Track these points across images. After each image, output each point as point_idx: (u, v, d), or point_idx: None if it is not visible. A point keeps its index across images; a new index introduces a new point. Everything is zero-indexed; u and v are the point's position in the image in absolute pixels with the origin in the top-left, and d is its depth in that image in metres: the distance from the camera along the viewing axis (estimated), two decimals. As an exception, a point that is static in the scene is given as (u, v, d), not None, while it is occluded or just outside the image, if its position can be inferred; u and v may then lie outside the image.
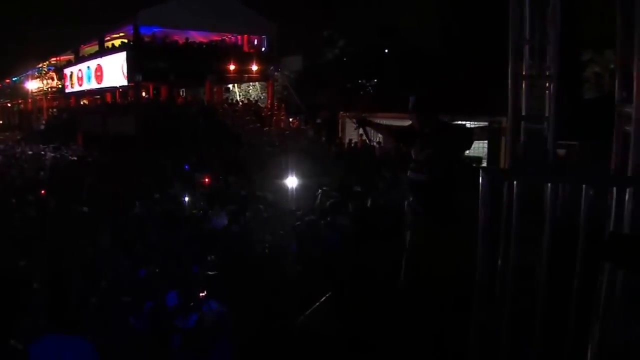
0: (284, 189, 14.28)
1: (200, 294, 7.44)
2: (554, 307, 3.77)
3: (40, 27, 50.40)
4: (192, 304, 6.97)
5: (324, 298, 6.99)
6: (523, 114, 6.58)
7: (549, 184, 3.63)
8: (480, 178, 3.54)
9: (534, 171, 4.97)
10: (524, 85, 6.55)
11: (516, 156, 6.02)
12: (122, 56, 32.63)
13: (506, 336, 3.87)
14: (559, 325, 3.70)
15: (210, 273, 8.23)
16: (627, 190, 3.43)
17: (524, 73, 6.48)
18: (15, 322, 6.57)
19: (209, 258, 8.94)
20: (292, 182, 13.99)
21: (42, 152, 29.72)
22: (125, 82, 32.63)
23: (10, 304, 7.06)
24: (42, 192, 15.99)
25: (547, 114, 6.03)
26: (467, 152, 7.20)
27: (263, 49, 37.28)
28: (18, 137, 43.04)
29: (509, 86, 5.90)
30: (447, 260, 5.84)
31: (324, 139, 28.75)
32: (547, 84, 5.99)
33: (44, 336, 5.13)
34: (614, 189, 3.49)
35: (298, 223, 11.11)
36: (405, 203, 6.28)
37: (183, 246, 9.83)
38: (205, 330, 6.57)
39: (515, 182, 3.61)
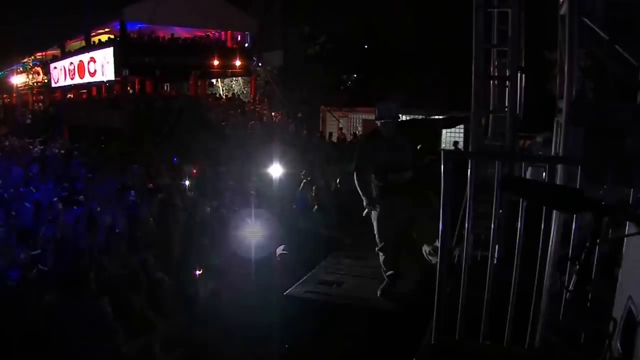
0: (268, 179, 14.82)
1: (197, 273, 8.16)
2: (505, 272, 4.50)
3: (25, 22, 50.39)
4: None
5: (309, 273, 7.67)
6: (491, 108, 7.39)
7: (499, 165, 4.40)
8: (442, 159, 4.28)
9: (479, 153, 5.70)
10: (491, 83, 7.35)
11: (476, 142, 6.79)
12: (109, 51, 32.97)
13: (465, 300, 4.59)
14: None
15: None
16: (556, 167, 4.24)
17: (491, 72, 7.28)
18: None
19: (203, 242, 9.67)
20: (276, 171, 14.52)
21: (30, 146, 29.87)
22: (112, 77, 33.00)
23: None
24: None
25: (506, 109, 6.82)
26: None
27: (246, 44, 37.81)
28: (5, 131, 43.00)
29: (473, 84, 6.67)
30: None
31: (305, 132, 29.32)
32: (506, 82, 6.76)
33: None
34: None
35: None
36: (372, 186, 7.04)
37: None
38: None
39: (470, 162, 4.38)
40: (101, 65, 33.74)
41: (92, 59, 35.11)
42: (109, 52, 33.07)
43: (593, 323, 3.57)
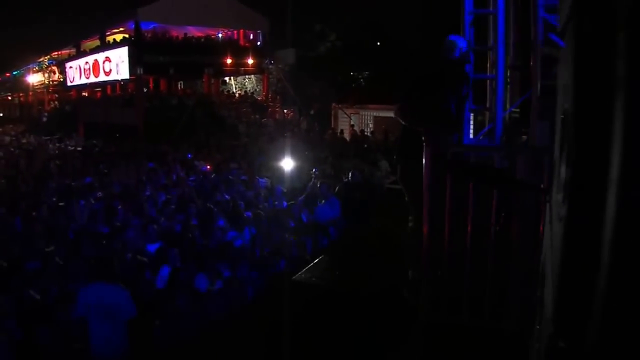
0: (280, 174, 15.25)
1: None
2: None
3: (41, 22, 51.03)
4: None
5: (317, 259, 8.11)
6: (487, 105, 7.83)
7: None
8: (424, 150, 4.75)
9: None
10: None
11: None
12: (124, 51, 33.49)
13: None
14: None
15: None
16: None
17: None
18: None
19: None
20: (288, 166, 14.92)
21: (47, 143, 30.47)
22: (126, 76, 33.50)
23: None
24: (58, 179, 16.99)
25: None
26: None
27: (258, 43, 38.19)
28: (22, 129, 43.61)
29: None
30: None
31: (317, 128, 29.67)
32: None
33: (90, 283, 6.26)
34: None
35: (292, 202, 12.29)
36: None
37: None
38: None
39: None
40: (116, 64, 34.28)
41: (107, 58, 35.68)
42: (123, 51, 33.62)
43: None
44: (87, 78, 39.47)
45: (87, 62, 39.21)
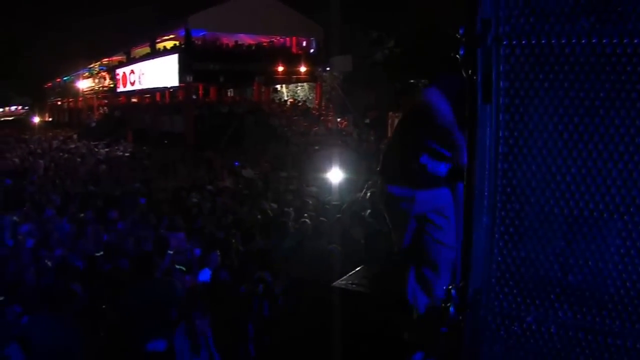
0: (329, 185, 15.36)
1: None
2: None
3: (93, 29, 52.48)
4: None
5: (358, 268, 8.27)
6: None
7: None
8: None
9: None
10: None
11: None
12: (174, 58, 34.35)
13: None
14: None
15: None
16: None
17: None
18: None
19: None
20: (336, 177, 15.00)
21: (96, 149, 31.15)
22: (176, 83, 34.32)
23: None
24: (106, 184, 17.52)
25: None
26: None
27: (311, 50, 38.59)
28: (71, 134, 44.65)
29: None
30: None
31: (372, 138, 29.62)
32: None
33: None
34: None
35: (339, 216, 12.43)
36: None
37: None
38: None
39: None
40: (166, 71, 35.12)
41: (157, 65, 36.66)
42: (173, 58, 34.46)
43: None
44: (137, 85, 40.52)
45: (137, 69, 40.25)
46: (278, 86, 41.72)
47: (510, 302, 1.89)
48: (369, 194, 13.11)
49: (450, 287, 2.08)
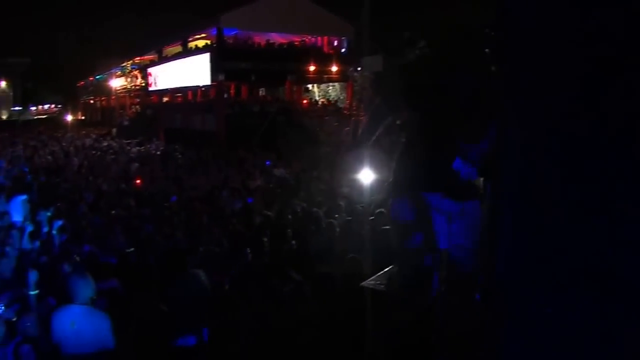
0: (360, 185, 15.35)
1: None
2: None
3: (125, 28, 53.02)
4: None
5: (387, 268, 8.30)
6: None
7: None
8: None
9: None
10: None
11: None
12: (205, 57, 34.51)
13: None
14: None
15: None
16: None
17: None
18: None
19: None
20: (368, 178, 14.97)
21: (128, 147, 31.49)
22: (207, 82, 34.49)
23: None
24: (138, 182, 17.76)
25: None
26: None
27: (343, 50, 38.60)
28: (106, 132, 45.25)
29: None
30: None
31: (403, 139, 29.47)
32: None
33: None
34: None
35: (372, 217, 12.45)
36: None
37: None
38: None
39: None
40: (197, 70, 35.32)
41: (189, 64, 36.88)
42: (205, 57, 34.64)
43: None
44: (169, 83, 40.83)
45: (169, 68, 40.60)
46: (309, 86, 41.80)
47: (534, 291, 1.93)
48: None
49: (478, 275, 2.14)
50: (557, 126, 1.76)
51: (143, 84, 48.10)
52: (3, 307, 6.48)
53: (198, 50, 37.24)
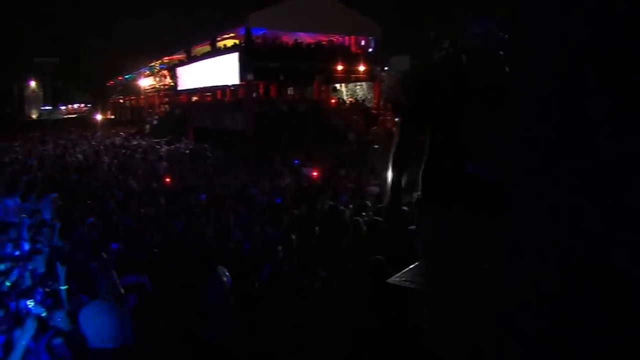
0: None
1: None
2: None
3: (154, 28, 53.45)
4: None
5: (412, 265, 8.35)
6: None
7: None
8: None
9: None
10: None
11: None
12: (234, 57, 34.71)
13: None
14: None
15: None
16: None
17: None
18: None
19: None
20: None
21: (157, 145, 31.69)
22: (236, 81, 34.63)
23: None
24: (168, 180, 17.95)
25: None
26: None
27: (370, 49, 38.61)
28: (137, 131, 45.64)
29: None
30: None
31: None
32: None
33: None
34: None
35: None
36: None
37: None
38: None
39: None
40: (226, 69, 35.56)
41: (218, 64, 37.13)
42: (234, 57, 34.84)
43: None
44: (198, 83, 41.11)
45: (197, 67, 40.86)
46: (337, 85, 41.89)
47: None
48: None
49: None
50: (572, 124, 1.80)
51: (172, 84, 48.52)
52: (34, 303, 6.61)
53: (227, 50, 37.40)
